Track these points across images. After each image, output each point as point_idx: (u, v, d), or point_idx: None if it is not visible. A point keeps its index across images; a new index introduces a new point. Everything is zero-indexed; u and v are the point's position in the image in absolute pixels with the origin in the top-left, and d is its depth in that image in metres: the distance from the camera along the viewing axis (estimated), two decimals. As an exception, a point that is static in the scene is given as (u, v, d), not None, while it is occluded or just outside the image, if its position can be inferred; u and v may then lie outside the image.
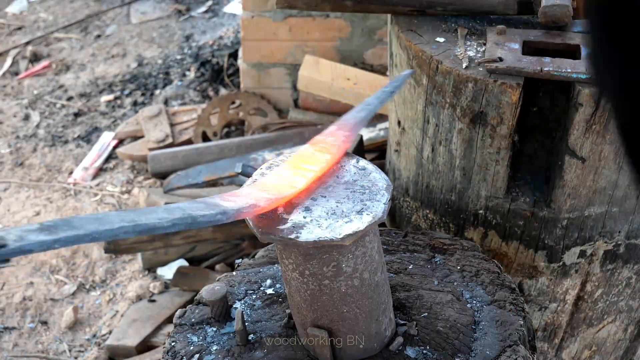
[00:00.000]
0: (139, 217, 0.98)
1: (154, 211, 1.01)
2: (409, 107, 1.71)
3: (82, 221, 0.94)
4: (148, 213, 1.00)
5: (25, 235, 0.89)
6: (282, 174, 1.19)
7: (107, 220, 0.96)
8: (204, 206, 1.06)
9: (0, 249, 0.87)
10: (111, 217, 0.97)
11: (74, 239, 0.92)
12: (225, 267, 2.84)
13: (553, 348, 1.92)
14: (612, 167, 1.57)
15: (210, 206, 1.06)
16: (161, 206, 1.04)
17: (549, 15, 1.52)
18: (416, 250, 1.53)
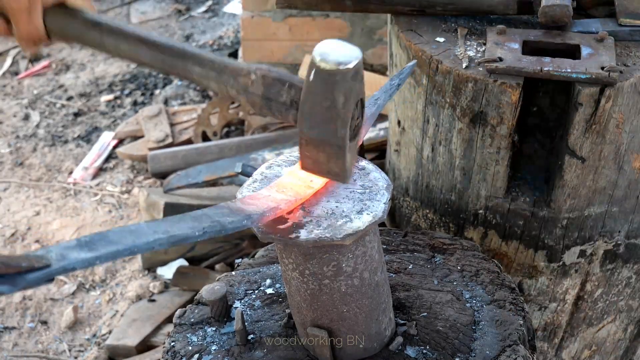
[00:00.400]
0: (171, 227, 0.98)
1: (183, 220, 1.01)
2: (408, 107, 1.71)
3: (118, 235, 0.94)
4: (178, 222, 1.00)
5: (67, 254, 0.88)
6: (298, 174, 1.17)
7: (141, 232, 0.95)
8: (229, 212, 1.06)
9: (44, 269, 0.86)
10: (144, 229, 0.97)
11: (114, 254, 0.91)
12: (225, 266, 2.84)
13: (553, 348, 1.92)
14: (612, 167, 1.57)
15: (235, 211, 1.06)
16: (186, 214, 1.03)
17: (549, 15, 1.52)
18: (416, 250, 1.53)
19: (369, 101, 1.33)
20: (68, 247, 0.90)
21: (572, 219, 1.64)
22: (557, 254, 1.71)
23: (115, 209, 3.28)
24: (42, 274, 0.86)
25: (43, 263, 0.86)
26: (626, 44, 1.55)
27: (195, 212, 1.04)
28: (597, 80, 1.43)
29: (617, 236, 1.71)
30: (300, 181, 1.16)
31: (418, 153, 1.75)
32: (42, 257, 0.87)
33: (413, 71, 1.62)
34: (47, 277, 0.87)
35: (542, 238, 1.68)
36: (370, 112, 1.30)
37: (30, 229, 3.20)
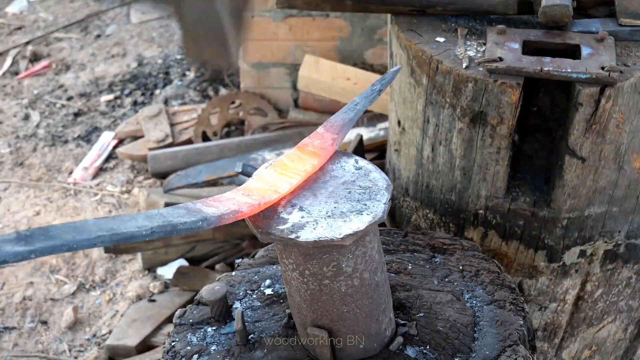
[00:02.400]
0: (118, 225, 0.98)
1: (133, 218, 1.01)
2: (409, 107, 1.71)
3: (60, 230, 0.94)
4: (127, 221, 1.00)
5: (2, 246, 0.89)
6: (267, 178, 1.18)
7: (85, 229, 0.96)
8: (185, 212, 1.06)
9: None
10: (89, 226, 0.97)
11: (50, 249, 0.92)
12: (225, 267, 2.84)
13: (553, 348, 1.92)
14: (612, 167, 1.57)
15: (192, 213, 1.06)
16: (142, 213, 1.04)
17: (549, 15, 1.52)
18: (416, 250, 1.53)
19: (348, 106, 1.33)
20: (6, 239, 0.91)
21: (572, 219, 1.64)
22: (557, 254, 1.71)
23: (115, 209, 3.28)
24: None
25: None
26: (626, 44, 1.54)
27: (150, 212, 1.04)
28: (597, 80, 1.43)
29: (617, 236, 1.70)
30: (267, 185, 1.16)
31: (418, 153, 1.75)
32: None
33: (413, 71, 1.62)
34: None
35: (542, 238, 1.68)
36: (349, 118, 1.30)
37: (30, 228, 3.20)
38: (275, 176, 1.18)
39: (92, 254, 3.07)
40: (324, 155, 1.23)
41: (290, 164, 1.21)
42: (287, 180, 1.17)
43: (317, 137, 1.26)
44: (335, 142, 1.26)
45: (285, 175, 1.19)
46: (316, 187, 1.18)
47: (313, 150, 1.23)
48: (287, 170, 1.19)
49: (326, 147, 1.24)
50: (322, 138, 1.26)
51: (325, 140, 1.25)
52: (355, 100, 1.35)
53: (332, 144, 1.25)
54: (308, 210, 1.13)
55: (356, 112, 1.32)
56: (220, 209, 1.09)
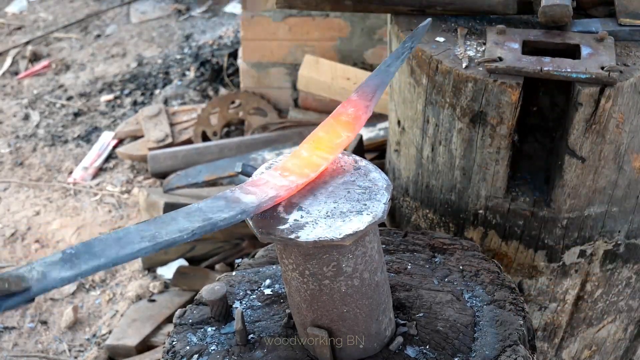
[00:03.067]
0: (160, 231, 0.97)
1: (173, 220, 0.99)
2: (408, 106, 1.71)
3: (103, 245, 0.92)
4: (168, 223, 0.98)
5: (48, 272, 0.86)
6: (302, 154, 1.14)
7: (127, 240, 0.94)
8: (224, 205, 1.04)
9: (23, 293, 0.83)
10: (131, 235, 0.95)
11: (96, 269, 0.90)
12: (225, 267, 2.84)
13: (553, 348, 1.92)
14: (612, 167, 1.57)
15: (231, 204, 1.04)
16: (181, 210, 1.02)
17: (549, 15, 1.52)
18: (416, 250, 1.53)
19: (379, 68, 1.27)
20: (51, 263, 0.88)
21: (572, 219, 1.64)
22: (557, 254, 1.71)
23: (115, 209, 3.28)
24: (20, 299, 0.84)
25: (22, 287, 0.84)
26: (626, 44, 1.54)
27: (189, 207, 1.03)
28: (597, 80, 1.43)
29: (617, 236, 1.71)
30: (303, 162, 1.13)
31: (418, 153, 1.75)
32: (22, 279, 0.84)
33: (413, 71, 1.62)
34: (25, 300, 0.84)
35: (542, 238, 1.68)
36: (381, 81, 1.24)
37: (30, 229, 3.20)
38: (310, 151, 1.15)
39: (92, 254, 3.07)
40: (358, 125, 1.18)
41: (325, 137, 1.16)
42: (322, 156, 1.14)
43: (350, 104, 1.21)
44: (369, 109, 1.20)
45: (320, 150, 1.15)
46: (316, 187, 1.18)
47: (347, 119, 1.18)
48: (322, 144, 1.15)
49: (360, 116, 1.19)
50: (356, 106, 1.21)
51: (358, 108, 1.20)
52: (386, 61, 1.27)
53: (366, 111, 1.20)
54: (308, 210, 1.13)
55: (388, 74, 1.25)
56: (258, 195, 1.06)
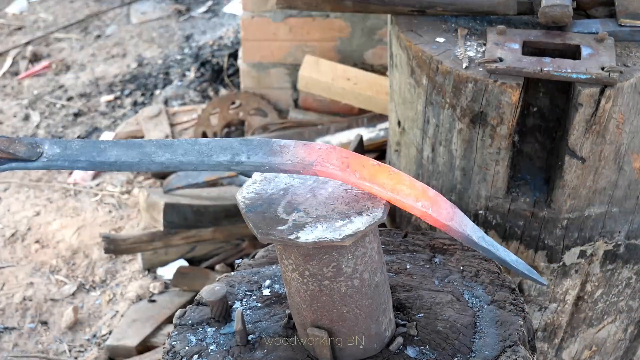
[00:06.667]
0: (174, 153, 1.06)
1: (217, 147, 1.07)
2: (409, 107, 1.71)
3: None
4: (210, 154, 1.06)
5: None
6: (383, 169, 1.10)
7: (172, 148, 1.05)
8: (267, 153, 1.07)
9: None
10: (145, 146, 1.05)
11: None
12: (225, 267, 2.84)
13: (553, 348, 1.92)
14: (612, 167, 1.57)
15: (269, 152, 1.07)
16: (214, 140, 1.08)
17: (549, 15, 1.52)
18: (416, 250, 1.53)
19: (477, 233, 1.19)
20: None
21: (572, 220, 1.64)
22: (557, 255, 1.71)
23: (115, 209, 3.28)
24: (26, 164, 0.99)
25: (37, 152, 0.98)
26: (626, 44, 1.54)
27: (222, 141, 1.07)
28: (597, 81, 1.43)
29: (617, 236, 1.70)
30: (381, 173, 1.09)
31: (418, 153, 1.75)
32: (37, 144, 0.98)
33: (413, 71, 1.62)
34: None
35: (542, 238, 1.68)
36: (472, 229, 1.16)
37: (31, 229, 3.21)
38: (385, 174, 1.10)
39: (92, 254, 3.07)
40: (434, 206, 1.10)
41: (408, 183, 1.11)
42: (386, 185, 1.09)
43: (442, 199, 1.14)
44: (448, 212, 1.11)
45: (393, 182, 1.10)
46: (315, 187, 1.18)
47: (432, 194, 1.11)
48: (400, 182, 1.11)
49: (439, 202, 1.11)
50: (444, 201, 1.13)
51: (444, 202, 1.13)
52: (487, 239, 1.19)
53: (448, 209, 1.12)
54: (307, 211, 1.13)
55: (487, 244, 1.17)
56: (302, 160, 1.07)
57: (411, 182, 1.10)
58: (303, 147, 1.09)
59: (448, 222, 1.10)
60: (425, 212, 1.09)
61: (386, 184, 1.09)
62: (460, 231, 1.12)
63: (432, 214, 1.09)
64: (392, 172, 1.11)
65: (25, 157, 0.99)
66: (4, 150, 0.97)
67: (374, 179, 1.09)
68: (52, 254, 3.08)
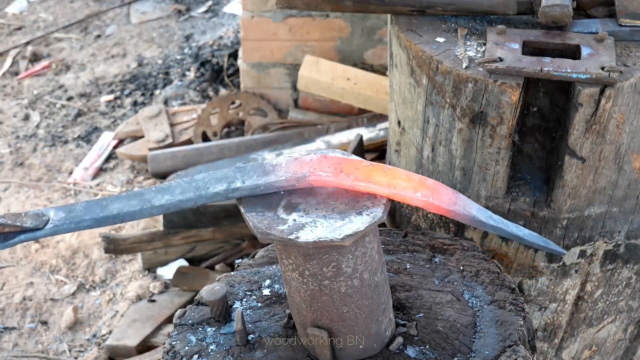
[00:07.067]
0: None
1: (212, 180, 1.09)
2: (409, 107, 1.71)
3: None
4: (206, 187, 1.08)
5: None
6: (380, 167, 1.10)
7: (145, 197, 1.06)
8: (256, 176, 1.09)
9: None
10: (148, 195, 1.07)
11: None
12: (225, 267, 2.84)
13: (553, 348, 1.92)
14: (612, 167, 1.57)
15: (262, 173, 1.09)
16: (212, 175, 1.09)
17: (549, 15, 1.52)
18: (416, 250, 1.53)
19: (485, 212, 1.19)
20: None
21: (572, 219, 1.64)
22: (557, 255, 1.71)
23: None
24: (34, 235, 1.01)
25: (43, 221, 1.00)
26: (626, 44, 1.54)
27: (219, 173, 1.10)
28: (597, 81, 1.43)
29: (617, 236, 1.70)
30: (376, 172, 1.09)
31: (418, 153, 1.75)
32: (41, 215, 1.01)
33: (413, 71, 1.62)
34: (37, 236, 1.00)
35: (542, 238, 1.68)
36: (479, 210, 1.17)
37: (30, 229, 3.20)
38: (381, 171, 1.11)
39: (92, 254, 3.07)
40: (435, 194, 1.10)
41: (404, 176, 1.11)
42: (384, 182, 1.09)
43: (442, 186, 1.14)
44: (450, 198, 1.11)
45: (391, 178, 1.11)
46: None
47: (431, 184, 1.11)
48: (397, 177, 1.11)
49: (440, 191, 1.11)
50: (446, 188, 1.13)
51: (446, 190, 1.13)
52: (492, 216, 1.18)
53: (450, 195, 1.12)
54: (307, 211, 1.13)
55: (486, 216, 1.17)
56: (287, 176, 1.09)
57: (408, 176, 1.11)
58: (294, 161, 1.11)
59: (451, 207, 1.11)
60: (426, 200, 1.09)
61: (382, 181, 1.09)
62: (466, 214, 1.12)
63: (434, 201, 1.10)
64: (387, 169, 1.11)
65: (33, 227, 1.02)
66: (12, 224, 1.01)
67: (369, 178, 1.09)
68: (52, 254, 3.08)
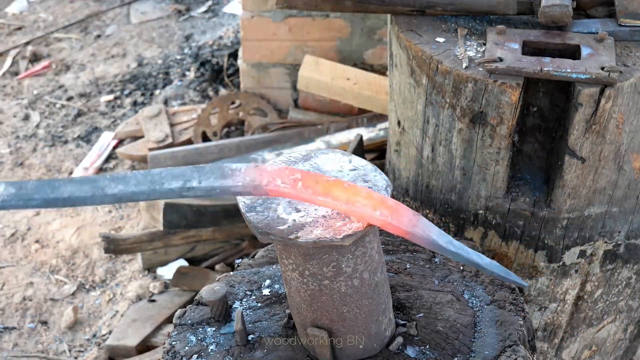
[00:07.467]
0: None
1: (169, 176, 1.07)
2: (408, 107, 1.71)
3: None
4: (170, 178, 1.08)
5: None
6: (338, 182, 1.09)
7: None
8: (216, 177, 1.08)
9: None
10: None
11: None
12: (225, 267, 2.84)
13: (553, 348, 1.92)
14: (612, 167, 1.57)
15: (220, 176, 1.08)
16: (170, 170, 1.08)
17: (549, 15, 1.52)
18: (416, 250, 1.53)
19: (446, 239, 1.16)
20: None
21: (572, 219, 1.64)
22: (557, 254, 1.71)
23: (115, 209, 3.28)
24: None
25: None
26: (626, 44, 1.54)
27: (179, 169, 1.08)
28: (597, 81, 1.43)
29: (617, 236, 1.71)
30: (332, 185, 1.08)
31: (418, 153, 1.75)
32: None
33: (413, 71, 1.62)
34: None
35: (542, 238, 1.68)
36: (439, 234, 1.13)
37: (30, 229, 3.21)
38: (341, 188, 1.09)
39: (92, 254, 3.07)
40: (394, 215, 1.08)
41: (364, 194, 1.09)
42: (342, 197, 1.08)
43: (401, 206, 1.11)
44: (410, 219, 1.08)
45: (350, 194, 1.08)
46: None
47: (391, 203, 1.09)
48: (356, 195, 1.09)
49: (398, 211, 1.08)
50: (404, 208, 1.11)
51: (405, 210, 1.10)
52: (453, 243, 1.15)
53: (409, 216, 1.09)
54: (307, 211, 1.13)
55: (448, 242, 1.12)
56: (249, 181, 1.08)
57: (368, 194, 1.10)
58: (254, 169, 1.10)
59: (410, 229, 1.09)
60: (384, 220, 1.08)
61: (341, 197, 1.08)
62: (425, 237, 1.10)
63: (392, 222, 1.08)
64: (348, 185, 1.10)
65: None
66: None
67: (328, 193, 1.09)
68: (52, 254, 3.08)
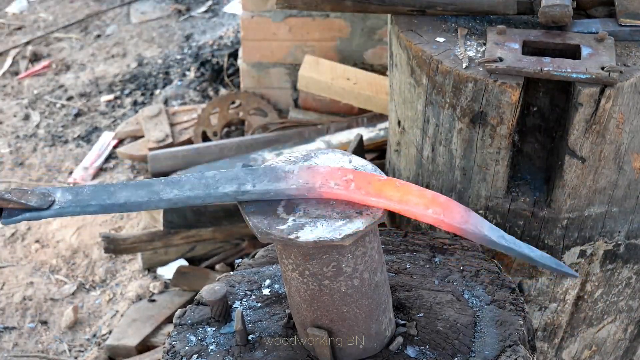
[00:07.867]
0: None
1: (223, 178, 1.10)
2: (409, 107, 1.71)
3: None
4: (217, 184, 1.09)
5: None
6: (390, 184, 1.10)
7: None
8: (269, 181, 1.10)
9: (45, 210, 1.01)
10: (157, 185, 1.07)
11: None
12: (225, 267, 2.84)
13: (553, 348, 1.92)
14: (612, 167, 1.57)
15: (274, 179, 1.09)
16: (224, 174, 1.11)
17: (549, 15, 1.52)
18: (416, 250, 1.53)
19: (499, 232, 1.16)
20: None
21: (572, 219, 1.64)
22: (557, 254, 1.71)
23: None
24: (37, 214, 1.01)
25: (48, 201, 1.00)
26: (626, 44, 1.54)
27: (230, 172, 1.10)
28: (597, 80, 1.43)
29: (617, 236, 1.71)
30: (385, 187, 1.09)
31: (418, 153, 1.75)
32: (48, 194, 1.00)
33: (413, 71, 1.62)
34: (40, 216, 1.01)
35: (542, 238, 1.68)
36: (491, 229, 1.14)
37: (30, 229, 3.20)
38: (392, 186, 1.10)
39: (92, 254, 3.07)
40: (446, 212, 1.09)
41: (416, 192, 1.10)
42: (396, 198, 1.09)
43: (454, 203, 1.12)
44: (462, 216, 1.10)
45: (403, 194, 1.10)
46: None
47: (443, 201, 1.10)
48: (409, 194, 1.10)
49: (451, 208, 1.10)
50: (457, 206, 1.12)
51: (457, 207, 1.11)
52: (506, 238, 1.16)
53: (461, 212, 1.10)
54: (307, 211, 1.13)
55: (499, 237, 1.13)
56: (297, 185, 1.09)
57: (420, 192, 1.10)
58: (307, 170, 1.10)
59: (463, 226, 1.09)
60: (437, 218, 1.09)
61: (394, 196, 1.09)
62: (477, 232, 1.10)
63: (445, 219, 1.09)
64: (400, 184, 1.11)
65: (38, 206, 1.01)
66: (17, 201, 1.00)
67: (381, 193, 1.09)
68: (52, 254, 3.08)
